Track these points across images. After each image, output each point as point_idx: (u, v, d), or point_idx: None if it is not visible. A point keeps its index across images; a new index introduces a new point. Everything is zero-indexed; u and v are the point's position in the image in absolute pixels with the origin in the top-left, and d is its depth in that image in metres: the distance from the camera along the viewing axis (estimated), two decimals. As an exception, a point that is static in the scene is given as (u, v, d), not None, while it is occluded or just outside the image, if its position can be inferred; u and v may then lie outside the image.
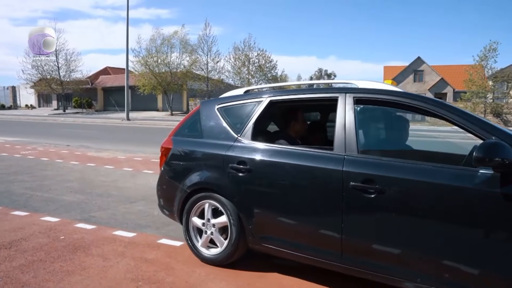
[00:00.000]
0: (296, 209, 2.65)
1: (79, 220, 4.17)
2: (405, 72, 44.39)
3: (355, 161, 2.43)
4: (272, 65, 35.36)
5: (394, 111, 2.88)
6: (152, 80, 32.70)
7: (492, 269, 2.04)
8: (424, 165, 2.29)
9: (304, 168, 2.60)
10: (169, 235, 3.76)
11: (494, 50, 26.73)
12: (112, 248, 3.34)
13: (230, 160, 2.89)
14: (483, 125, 2.24)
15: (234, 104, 3.20)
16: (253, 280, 2.77)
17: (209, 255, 3.03)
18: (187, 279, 2.76)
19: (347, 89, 2.74)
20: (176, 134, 3.37)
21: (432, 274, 2.20)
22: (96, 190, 5.71)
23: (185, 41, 34.08)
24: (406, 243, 2.27)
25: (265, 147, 2.85)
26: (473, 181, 2.09)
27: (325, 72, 69.02)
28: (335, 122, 2.61)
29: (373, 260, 2.36)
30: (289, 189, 2.67)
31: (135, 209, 4.73)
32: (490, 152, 1.97)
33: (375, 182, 2.30)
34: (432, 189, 2.19)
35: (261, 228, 2.79)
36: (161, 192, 3.43)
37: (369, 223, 2.38)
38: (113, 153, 9.90)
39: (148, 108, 38.38)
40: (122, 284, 2.65)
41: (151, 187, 5.99)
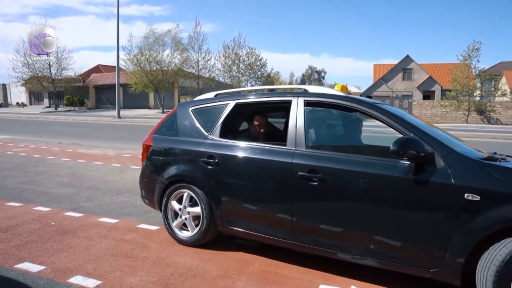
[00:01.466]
0: (256, 196, 3.14)
1: (68, 209, 4.62)
2: (394, 70, 45.04)
3: (303, 155, 2.92)
4: (262, 63, 35.85)
5: (339, 112, 3.39)
6: (144, 78, 33.00)
7: (410, 240, 2.55)
8: (358, 157, 2.81)
9: (261, 161, 3.10)
10: (148, 221, 4.24)
11: (477, 49, 27.42)
12: (97, 232, 3.81)
13: (201, 155, 3.38)
14: (404, 123, 2.74)
15: (206, 106, 3.68)
16: (214, 256, 3.27)
17: (182, 236, 3.52)
18: (158, 255, 3.25)
19: (299, 94, 3.24)
20: (156, 133, 3.85)
21: (364, 247, 2.70)
22: (85, 184, 6.15)
23: (178, 40, 34.45)
24: (343, 222, 2.77)
25: (230, 143, 3.34)
26: (395, 170, 2.59)
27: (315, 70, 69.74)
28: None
29: (319, 238, 2.86)
30: (250, 179, 3.16)
31: (119, 200, 5.19)
32: (404, 146, 2.47)
33: (318, 172, 2.80)
34: (364, 177, 2.68)
35: (228, 213, 3.28)
36: (143, 184, 3.91)
37: (314, 206, 2.88)
38: (103, 150, 10.32)
39: (140, 106, 38.67)
40: (103, 258, 3.14)
41: (137, 181, 6.38)
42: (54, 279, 2.72)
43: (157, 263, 3.07)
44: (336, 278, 2.86)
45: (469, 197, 2.35)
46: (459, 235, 2.37)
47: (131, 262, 3.07)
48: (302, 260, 3.17)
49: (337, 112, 3.41)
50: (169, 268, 2.98)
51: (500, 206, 2.29)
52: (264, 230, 3.11)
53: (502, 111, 28.01)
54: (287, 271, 2.97)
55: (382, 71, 45.93)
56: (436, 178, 2.45)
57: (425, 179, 2.48)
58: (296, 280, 2.83)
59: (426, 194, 2.48)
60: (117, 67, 25.06)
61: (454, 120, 28.55)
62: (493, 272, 2.22)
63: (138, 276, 2.82)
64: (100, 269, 2.91)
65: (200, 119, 3.60)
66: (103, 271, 2.87)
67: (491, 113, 28.19)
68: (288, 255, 3.26)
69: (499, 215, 2.28)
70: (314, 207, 2.88)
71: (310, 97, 3.16)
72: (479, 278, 2.33)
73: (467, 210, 2.36)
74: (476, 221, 2.33)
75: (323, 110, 3.35)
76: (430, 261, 2.49)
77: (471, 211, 2.35)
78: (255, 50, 35.75)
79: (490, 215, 2.30)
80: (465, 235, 2.36)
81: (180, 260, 3.16)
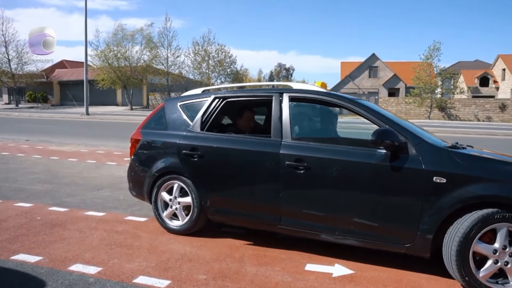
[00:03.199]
0: (244, 185, 3.33)
1: (51, 204, 4.63)
2: (360, 68, 46.49)
3: (289, 146, 3.17)
4: (231, 60, 35.91)
5: (321, 106, 3.66)
6: (112, 74, 32.22)
7: (386, 220, 2.86)
8: (340, 147, 3.12)
9: (249, 152, 3.29)
10: (134, 213, 4.35)
11: (438, 49, 28.92)
12: (86, 224, 3.89)
13: (189, 147, 3.54)
14: (380, 116, 3.06)
15: (194, 101, 3.84)
16: (205, 242, 3.46)
17: (172, 225, 3.67)
18: (151, 243, 3.40)
19: (284, 90, 3.48)
20: (144, 127, 3.97)
21: (345, 228, 2.99)
22: (63, 180, 6.12)
23: (149, 37, 33.82)
24: (327, 206, 3.05)
25: (217, 136, 3.53)
26: (374, 158, 2.89)
27: (284, 67, 70.64)
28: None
29: (304, 221, 3.12)
30: (238, 169, 3.35)
31: (102, 195, 5.24)
32: (381, 136, 2.78)
33: (304, 161, 3.05)
34: (346, 164, 2.97)
35: (218, 202, 3.46)
36: (131, 177, 4.02)
37: (300, 192, 3.13)
38: (75, 147, 10.14)
39: (107, 102, 37.72)
40: (98, 247, 3.25)
41: (115, 177, 6.50)
42: (54, 267, 2.82)
43: (151, 250, 3.22)
44: (321, 258, 3.13)
45: (437, 180, 2.68)
46: (428, 214, 2.71)
47: (126, 250, 3.21)
48: (287, 243, 3.42)
49: (319, 107, 3.69)
50: (164, 254, 3.15)
51: (462, 187, 2.64)
52: (253, 216, 3.33)
53: (460, 108, 29.72)
54: (275, 254, 3.22)
55: (349, 68, 47.28)
56: (409, 164, 2.77)
57: (400, 165, 2.80)
58: (285, 261, 3.08)
59: (400, 178, 2.80)
60: (85, 63, 24.37)
61: (417, 116, 29.96)
62: (456, 243, 2.57)
63: (136, 262, 2.96)
64: (97, 257, 3.03)
65: (188, 113, 3.76)
66: (101, 259, 2.99)
67: (451, 110, 29.81)
68: (273, 239, 3.50)
69: (461, 195, 2.63)
70: (300, 193, 3.13)
71: (294, 93, 3.40)
72: (445, 249, 2.67)
73: (435, 191, 2.69)
74: (442, 201, 2.67)
75: (306, 105, 3.62)
76: (404, 238, 2.81)
77: (438, 192, 2.68)
78: (225, 47, 35.78)
79: (454, 195, 2.65)
80: (433, 213, 2.69)
81: (174, 247, 3.32)
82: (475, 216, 2.57)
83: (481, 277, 2.57)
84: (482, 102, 30.46)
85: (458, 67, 45.18)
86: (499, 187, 2.61)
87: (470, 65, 48.79)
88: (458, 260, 2.57)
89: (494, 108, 29.51)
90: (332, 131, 3.84)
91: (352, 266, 3.00)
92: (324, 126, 3.86)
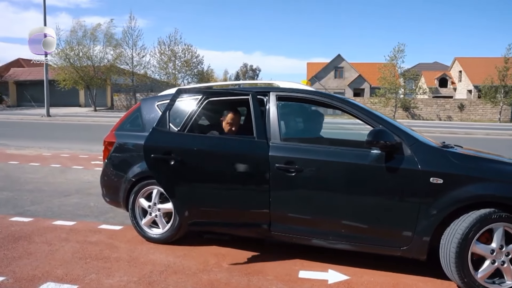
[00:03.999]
0: (229, 189, 3.02)
1: (13, 214, 4.20)
2: (326, 69, 47.35)
3: (278, 147, 2.97)
4: (198, 60, 35.37)
5: (309, 106, 3.51)
6: (74, 74, 30.76)
7: (382, 223, 2.75)
8: (333, 148, 2.98)
9: (234, 154, 2.99)
10: (108, 221, 4.03)
11: (402, 51, 29.97)
12: (55, 235, 3.54)
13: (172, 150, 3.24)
14: (373, 116, 2.95)
15: None
16: (189, 251, 3.23)
17: (152, 234, 3.40)
18: (130, 254, 3.12)
19: (270, 89, 3.30)
20: (118, 129, 3.66)
21: (339, 232, 2.84)
22: (26, 186, 5.64)
23: (110, 35, 32.59)
24: (320, 209, 2.89)
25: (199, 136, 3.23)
26: (368, 159, 2.77)
27: (251, 67, 70.79)
28: None
29: (296, 226, 2.94)
30: (221, 172, 3.01)
31: (70, 201, 4.85)
32: (377, 136, 2.66)
33: (295, 163, 2.87)
34: (339, 166, 2.84)
35: (198, 213, 3.10)
36: (105, 182, 3.70)
37: (291, 196, 2.94)
38: (36, 150, 9.50)
39: (69, 103, 36.02)
40: (71, 262, 2.93)
41: (83, 181, 6.08)
42: (21, 288, 2.50)
43: (132, 262, 2.95)
44: (313, 264, 2.99)
45: (434, 180, 2.61)
46: (425, 215, 2.63)
47: (103, 263, 2.91)
48: (275, 250, 3.26)
49: (307, 107, 3.55)
50: (146, 266, 2.89)
51: (459, 187, 2.59)
52: (240, 222, 3.10)
53: (423, 107, 30.93)
54: (264, 261, 3.04)
55: (315, 69, 48.03)
56: (405, 164, 2.68)
57: (395, 166, 2.70)
58: (276, 268, 2.91)
59: (396, 179, 2.71)
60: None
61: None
62: (455, 244, 2.52)
63: (116, 277, 2.69)
64: (71, 273, 2.72)
65: None
66: (76, 275, 2.69)
67: (415, 110, 30.95)
68: (260, 246, 3.33)
69: (458, 195, 2.58)
70: (291, 197, 2.94)
71: (282, 92, 3.23)
72: (443, 250, 2.61)
73: (432, 192, 2.62)
74: (439, 201, 2.60)
75: (295, 105, 3.45)
76: (400, 241, 2.72)
77: (435, 193, 2.61)
78: (192, 47, 35.17)
79: (451, 195, 2.59)
80: (430, 215, 2.62)
81: (155, 257, 3.07)
82: (473, 216, 2.52)
83: (479, 278, 2.53)
84: (443, 102, 31.87)
85: (419, 69, 47.07)
86: (495, 186, 2.58)
87: (429, 66, 51.06)
88: (458, 261, 2.51)
89: (453, 108, 30.94)
90: (319, 131, 3.71)
91: (346, 271, 2.88)
92: (312, 127, 3.72)
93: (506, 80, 28.80)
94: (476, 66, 39.34)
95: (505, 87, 28.79)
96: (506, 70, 28.60)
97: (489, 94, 28.98)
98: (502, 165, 2.80)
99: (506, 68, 28.56)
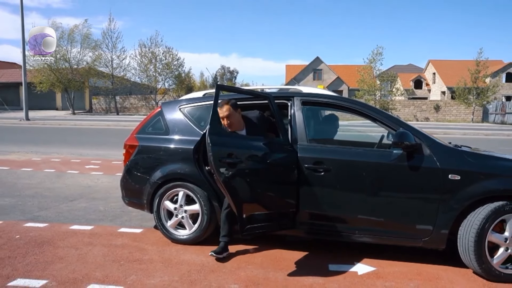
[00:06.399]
0: (262, 188, 3.07)
1: (24, 220, 4.18)
2: (305, 71, 48.02)
3: (306, 149, 3.15)
4: (179, 62, 35.12)
5: (330, 110, 3.68)
6: (51, 76, 29.91)
7: (405, 217, 2.97)
8: (357, 149, 3.19)
9: (266, 155, 3.06)
10: (125, 224, 4.07)
11: (380, 54, 30.81)
12: (77, 240, 3.56)
13: None
14: (394, 120, 3.19)
15: (197, 105, 3.66)
16: (218, 250, 3.33)
17: (179, 236, 3.48)
18: (161, 255, 3.19)
19: (296, 94, 3.46)
20: (140, 133, 3.72)
21: (365, 227, 3.05)
22: (25, 192, 5.55)
23: (87, 36, 31.90)
24: (348, 206, 3.08)
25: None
26: (390, 158, 2.99)
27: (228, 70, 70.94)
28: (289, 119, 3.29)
29: (325, 222, 3.13)
30: (255, 173, 3.02)
31: (78, 206, 4.83)
32: (401, 138, 2.89)
33: (323, 163, 3.07)
34: (365, 165, 3.04)
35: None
36: (126, 185, 3.74)
37: (319, 194, 3.10)
38: (23, 155, 9.27)
39: (45, 107, 34.96)
40: (106, 265, 2.97)
41: (83, 186, 6.04)
42: (68, 290, 2.54)
43: (166, 263, 3.03)
44: (339, 258, 3.17)
45: (452, 177, 2.85)
46: (444, 208, 2.87)
47: (138, 265, 2.98)
48: (298, 246, 3.41)
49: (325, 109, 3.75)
50: (182, 266, 2.97)
51: (474, 183, 2.84)
52: (272, 220, 3.16)
53: (401, 108, 31.89)
54: (293, 257, 3.19)
55: (294, 71, 48.63)
56: (425, 163, 2.92)
57: (417, 165, 2.93)
58: (306, 263, 3.06)
59: (417, 176, 2.93)
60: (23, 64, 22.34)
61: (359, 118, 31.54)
62: (473, 234, 2.76)
63: (157, 277, 2.76)
64: (111, 275, 2.78)
65: (191, 118, 3.60)
66: (116, 277, 2.75)
67: (393, 111, 31.85)
68: (281, 243, 3.46)
69: (474, 190, 2.83)
70: (320, 195, 3.11)
71: (306, 97, 3.41)
72: (461, 240, 2.84)
73: (451, 188, 2.86)
74: (457, 196, 2.85)
75: (318, 109, 3.70)
76: (421, 233, 2.94)
77: (453, 189, 2.85)
78: (172, 49, 34.86)
79: (467, 190, 2.83)
80: (449, 208, 2.86)
81: (188, 258, 3.15)
82: (488, 209, 2.77)
83: (495, 264, 2.79)
84: (420, 103, 32.96)
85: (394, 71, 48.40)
86: (507, 181, 2.84)
87: (404, 68, 52.61)
88: (476, 250, 2.75)
89: (430, 109, 32.06)
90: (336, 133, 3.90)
91: (371, 263, 3.07)
92: (330, 129, 3.91)
93: (478, 82, 30.12)
94: (449, 68, 40.97)
95: (477, 89, 30.10)
96: (478, 72, 29.91)
97: (463, 95, 30.22)
98: (510, 162, 3.06)
99: (478, 71, 29.87)
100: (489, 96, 29.68)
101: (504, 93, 38.74)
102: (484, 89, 29.90)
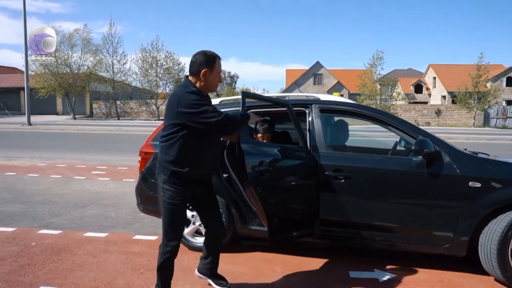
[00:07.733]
0: (281, 196, 3.05)
1: (38, 227, 4.16)
2: (305, 76, 48.16)
3: (325, 156, 3.15)
4: (180, 67, 35.16)
5: (348, 117, 3.68)
6: (52, 81, 29.94)
7: (426, 223, 2.97)
8: (376, 156, 3.22)
9: (286, 162, 3.08)
10: (139, 231, 4.06)
11: (381, 58, 30.96)
12: (94, 247, 3.55)
13: None
14: (414, 128, 3.21)
15: None
16: (236, 258, 3.32)
17: (196, 243, 3.47)
18: (181, 263, 3.16)
19: (313, 101, 3.47)
20: (156, 139, 3.71)
21: (385, 233, 3.06)
22: (34, 198, 5.54)
23: (87, 40, 31.97)
24: (367, 213, 3.09)
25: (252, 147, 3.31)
26: (409, 165, 3.01)
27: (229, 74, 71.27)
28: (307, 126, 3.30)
29: (345, 229, 3.14)
30: (274, 180, 2.98)
31: (89, 213, 4.82)
32: (422, 145, 2.90)
33: (343, 171, 3.07)
34: (384, 173, 3.06)
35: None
36: (142, 192, 3.72)
37: (340, 201, 3.10)
38: (29, 160, 9.25)
39: (46, 111, 34.94)
40: (126, 273, 2.97)
41: (91, 192, 6.03)
42: (91, 299, 2.53)
43: (186, 271, 3.02)
44: (359, 265, 3.16)
45: (472, 184, 2.85)
46: (465, 215, 2.87)
47: (159, 273, 2.96)
48: (315, 253, 3.40)
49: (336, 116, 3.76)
50: (202, 274, 2.96)
51: (495, 190, 2.85)
52: (295, 227, 3.15)
53: (402, 113, 31.92)
54: (311, 264, 3.18)
55: (295, 76, 48.78)
56: (445, 170, 2.93)
57: (437, 172, 2.94)
58: (326, 271, 3.07)
59: (437, 183, 2.94)
60: (26, 68, 22.34)
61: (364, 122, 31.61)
62: (496, 242, 2.75)
63: (179, 285, 2.75)
64: (133, 284, 2.77)
65: None
66: (138, 285, 2.74)
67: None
68: (297, 250, 3.46)
69: (495, 197, 2.83)
70: (339, 202, 3.11)
71: (324, 104, 3.44)
72: (483, 248, 2.84)
73: (471, 195, 2.86)
74: (477, 204, 2.85)
75: (335, 116, 3.72)
76: (442, 240, 2.95)
77: (473, 196, 2.86)
78: (173, 54, 34.93)
79: (488, 197, 2.84)
80: (470, 215, 2.86)
81: (207, 265, 3.14)
82: (510, 216, 2.76)
83: (517, 271, 2.77)
84: (421, 107, 33.03)
85: (394, 75, 48.58)
86: None
87: (404, 73, 52.75)
88: (499, 257, 2.74)
89: (431, 113, 32.12)
90: (347, 139, 3.91)
91: (391, 270, 3.07)
92: (342, 136, 3.92)
93: (479, 87, 30.22)
94: (450, 72, 41.08)
95: (478, 93, 30.19)
96: (479, 77, 30.02)
97: (464, 100, 30.31)
98: None
99: (479, 75, 29.98)
100: (490, 100, 29.79)
101: (505, 97, 38.85)
102: (485, 94, 30.00)
